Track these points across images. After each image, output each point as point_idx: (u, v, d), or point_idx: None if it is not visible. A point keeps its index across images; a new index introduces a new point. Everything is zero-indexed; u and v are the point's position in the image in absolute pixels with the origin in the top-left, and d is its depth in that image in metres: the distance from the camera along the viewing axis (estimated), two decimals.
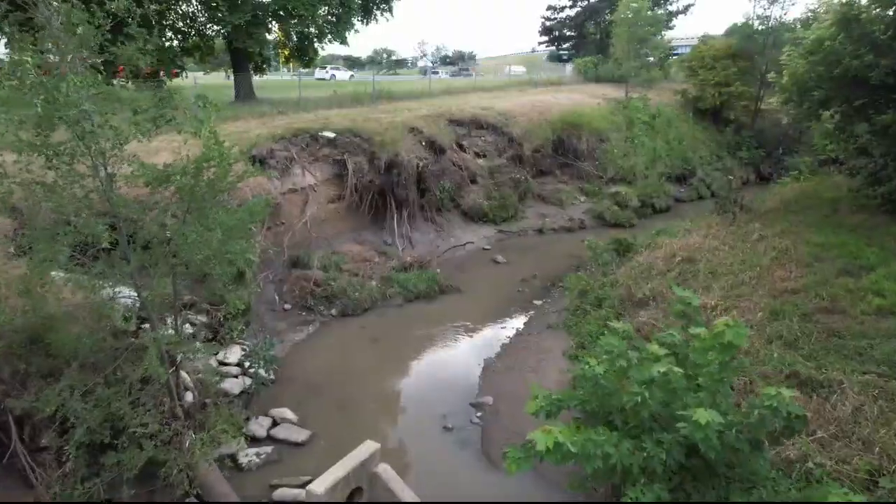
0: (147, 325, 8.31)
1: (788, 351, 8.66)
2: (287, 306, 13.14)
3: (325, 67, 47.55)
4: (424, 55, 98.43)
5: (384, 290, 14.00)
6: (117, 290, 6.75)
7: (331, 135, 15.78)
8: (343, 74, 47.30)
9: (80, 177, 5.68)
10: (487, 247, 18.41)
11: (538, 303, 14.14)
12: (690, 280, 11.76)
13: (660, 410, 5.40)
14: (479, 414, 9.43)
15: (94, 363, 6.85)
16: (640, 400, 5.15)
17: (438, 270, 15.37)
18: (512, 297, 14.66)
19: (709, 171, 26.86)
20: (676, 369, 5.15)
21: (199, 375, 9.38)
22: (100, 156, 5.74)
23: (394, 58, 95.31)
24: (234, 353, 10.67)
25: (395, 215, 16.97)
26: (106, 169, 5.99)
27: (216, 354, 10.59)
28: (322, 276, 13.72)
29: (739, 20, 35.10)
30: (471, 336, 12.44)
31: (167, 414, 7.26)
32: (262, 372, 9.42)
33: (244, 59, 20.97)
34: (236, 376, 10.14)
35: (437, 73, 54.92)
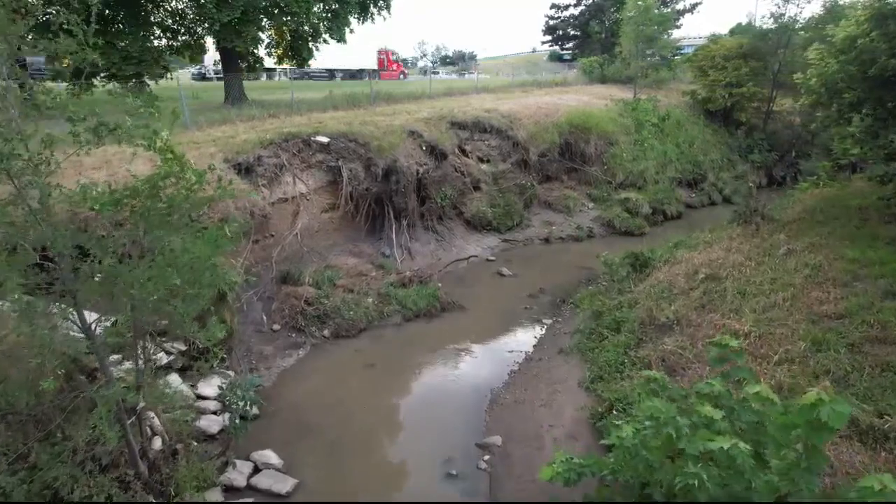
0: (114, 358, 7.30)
1: (840, 390, 7.60)
2: (276, 327, 12.08)
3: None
4: (424, 55, 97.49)
5: (381, 308, 12.95)
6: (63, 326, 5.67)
7: (324, 140, 14.73)
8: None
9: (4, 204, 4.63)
10: (492, 257, 17.35)
11: (548, 322, 13.09)
12: (717, 301, 10.70)
13: (717, 492, 4.36)
14: (486, 458, 8.37)
15: (35, 416, 5.80)
16: (696, 483, 4.11)
17: (440, 285, 14.32)
18: (519, 314, 13.61)
19: (723, 176, 25.81)
20: (743, 446, 4.11)
21: (173, 413, 8.36)
22: (29, 175, 4.69)
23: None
24: (213, 385, 9.62)
25: (394, 225, 15.93)
26: (41, 191, 4.94)
27: (193, 387, 9.60)
28: (314, 293, 12.67)
29: (740, 19, 34.02)
30: (475, 361, 11.38)
31: (127, 472, 6.22)
32: (242, 414, 8.32)
33: (234, 58, 19.89)
34: (215, 412, 9.08)
35: (437, 73, 54.11)
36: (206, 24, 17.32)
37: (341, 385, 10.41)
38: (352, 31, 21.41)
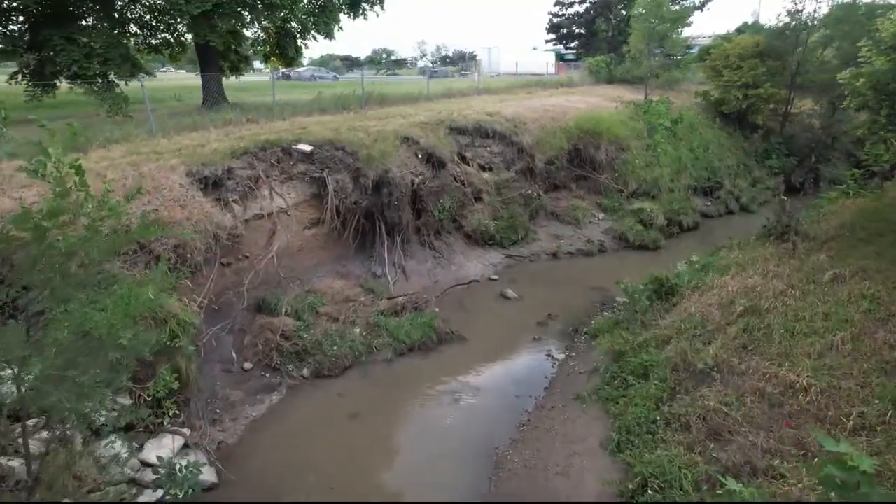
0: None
1: None
2: (247, 365, 10.49)
3: None
4: (424, 55, 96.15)
5: (370, 341, 11.34)
6: None
7: (307, 148, 13.12)
8: None
9: None
10: (495, 276, 15.73)
11: (560, 356, 11.49)
12: (762, 341, 9.09)
13: None
14: None
15: None
16: None
17: (437, 310, 12.73)
18: (526, 346, 12.02)
19: (739, 183, 24.20)
20: None
21: (103, 492, 6.77)
22: None
23: (393, 58, 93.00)
24: (164, 447, 8.03)
25: (386, 242, 14.32)
26: None
27: (139, 449, 8.00)
28: (292, 324, 11.07)
29: (745, 17, 32.49)
30: (477, 409, 9.77)
31: None
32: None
33: (212, 56, 18.26)
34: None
35: (436, 73, 52.10)
36: (177, 18, 15.70)
37: (319, 441, 8.81)
38: (340, 28, 19.81)
